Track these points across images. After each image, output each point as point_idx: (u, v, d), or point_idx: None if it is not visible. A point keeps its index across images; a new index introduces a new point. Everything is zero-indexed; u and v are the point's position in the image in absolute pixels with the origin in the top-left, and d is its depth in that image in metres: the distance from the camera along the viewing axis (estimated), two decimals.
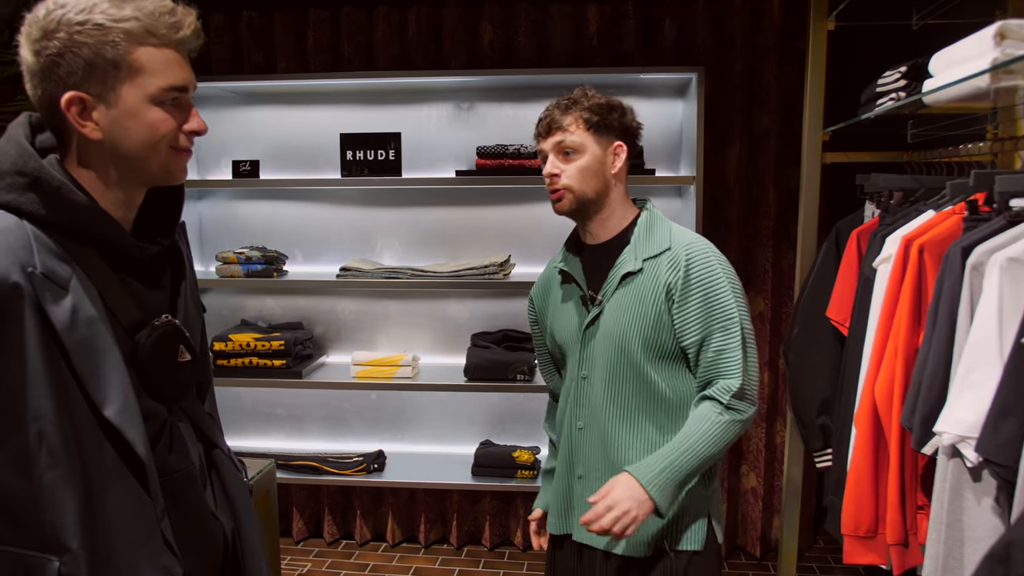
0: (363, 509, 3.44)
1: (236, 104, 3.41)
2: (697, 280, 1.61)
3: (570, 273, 1.76)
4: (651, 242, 1.68)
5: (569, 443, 1.76)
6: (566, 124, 1.68)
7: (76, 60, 1.03)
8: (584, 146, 1.67)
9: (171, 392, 1.18)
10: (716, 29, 3.07)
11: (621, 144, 1.71)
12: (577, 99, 1.70)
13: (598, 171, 1.68)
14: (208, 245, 3.50)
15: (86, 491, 1.04)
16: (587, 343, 1.71)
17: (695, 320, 1.61)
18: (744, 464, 3.29)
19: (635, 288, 1.65)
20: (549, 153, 1.70)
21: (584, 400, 1.72)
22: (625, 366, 1.66)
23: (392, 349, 3.45)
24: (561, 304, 1.79)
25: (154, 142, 1.10)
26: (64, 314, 1.02)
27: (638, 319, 1.64)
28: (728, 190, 3.14)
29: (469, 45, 3.18)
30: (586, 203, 1.68)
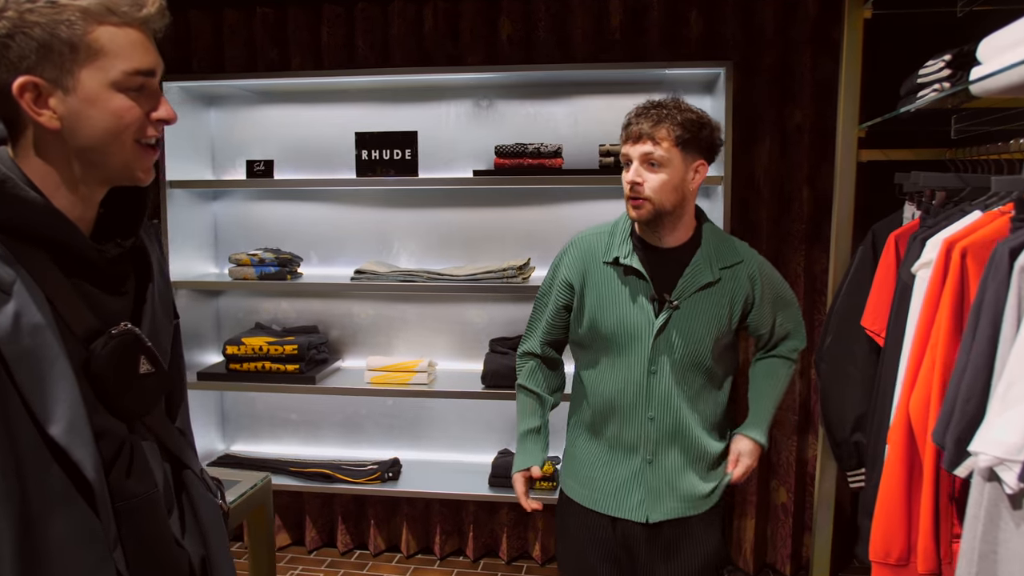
0: (377, 519, 3.34)
1: (250, 103, 3.34)
2: (768, 283, 1.89)
3: (640, 271, 1.81)
4: (723, 253, 1.84)
5: (636, 430, 1.83)
6: (658, 137, 1.72)
7: (28, 42, 0.93)
8: (670, 161, 1.72)
9: (132, 407, 1.08)
10: (745, 21, 2.93)
11: (704, 163, 1.78)
12: (671, 111, 1.73)
13: (679, 186, 1.74)
14: (223, 246, 3.44)
15: (25, 519, 0.93)
16: (658, 341, 1.79)
17: (768, 313, 1.90)
18: (774, 479, 3.13)
19: (712, 295, 1.81)
20: (634, 160, 1.74)
21: (654, 393, 1.81)
22: (695, 362, 1.80)
23: (408, 354, 3.36)
24: (614, 296, 1.83)
25: (117, 132, 1.00)
26: (5, 321, 0.92)
27: (714, 323, 1.80)
28: (758, 190, 2.99)
29: (487, 40, 3.07)
30: (663, 214, 1.76)
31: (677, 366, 1.80)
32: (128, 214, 1.13)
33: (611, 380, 1.85)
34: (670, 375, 1.80)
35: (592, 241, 1.91)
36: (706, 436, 1.85)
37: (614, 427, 1.86)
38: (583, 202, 3.16)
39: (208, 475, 1.29)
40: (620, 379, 1.83)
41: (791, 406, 3.05)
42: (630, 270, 1.82)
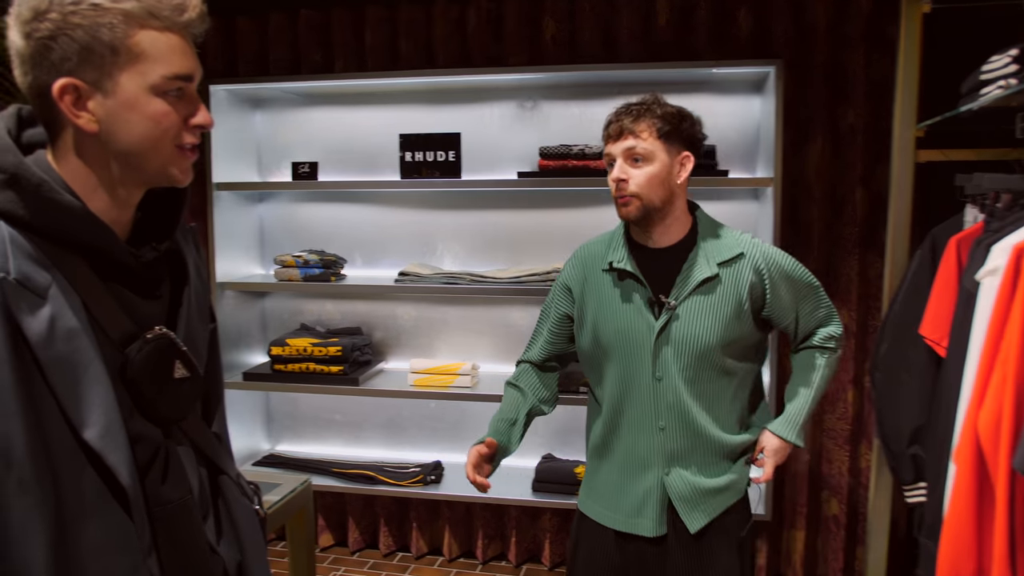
0: (419, 521, 3.33)
1: (295, 105, 3.36)
2: (777, 272, 1.79)
3: (634, 274, 1.77)
4: (720, 247, 1.77)
5: (647, 443, 1.77)
6: (638, 131, 1.71)
7: (70, 44, 0.93)
8: (654, 154, 1.71)
9: (167, 412, 1.07)
10: (796, 18, 2.84)
11: (688, 155, 1.75)
12: (650, 106, 1.73)
13: (665, 180, 1.72)
14: (268, 248, 3.47)
15: (60, 523, 0.93)
16: (660, 345, 1.74)
17: (788, 302, 1.81)
18: (826, 489, 3.04)
19: (713, 292, 1.74)
20: (617, 158, 1.73)
21: (662, 401, 1.75)
22: (706, 364, 1.74)
23: (451, 356, 3.34)
24: (613, 302, 1.80)
25: (156, 137, 0.99)
26: (40, 326, 0.92)
27: (720, 321, 1.73)
28: (809, 192, 2.91)
29: (531, 41, 3.04)
30: (652, 211, 1.73)
31: (684, 370, 1.73)
32: (164, 217, 1.13)
33: (617, 392, 1.79)
34: (678, 380, 1.74)
35: (592, 249, 1.90)
36: (727, 436, 1.79)
37: (626, 442, 1.80)
38: None
39: (245, 480, 1.28)
40: (626, 390, 1.78)
41: (844, 415, 2.95)
42: (625, 274, 1.78)
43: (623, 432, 1.80)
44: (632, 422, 1.78)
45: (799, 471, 3.01)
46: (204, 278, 1.23)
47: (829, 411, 2.98)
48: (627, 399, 1.78)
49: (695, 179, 2.79)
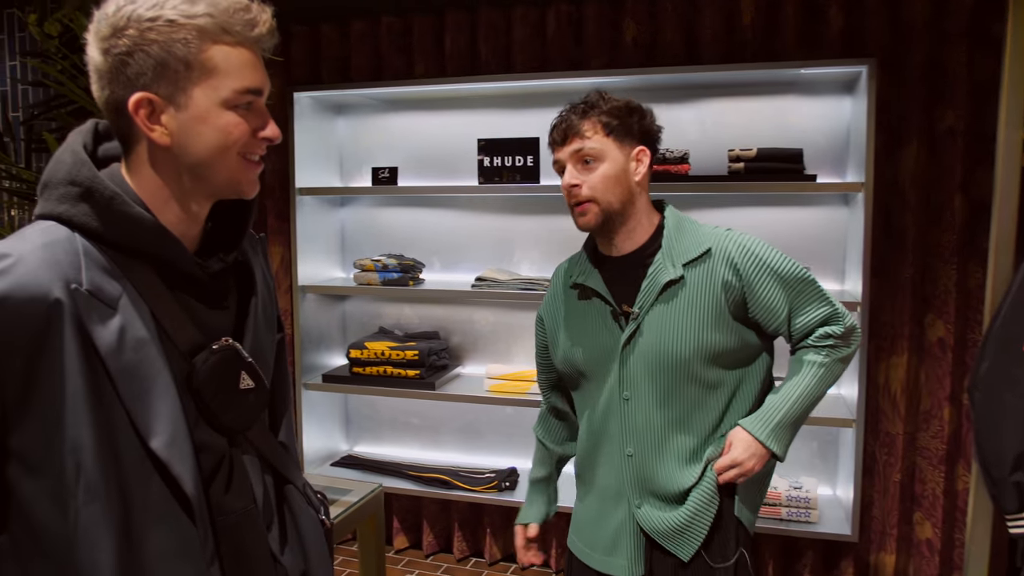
0: (493, 527, 3.32)
1: (376, 111, 3.40)
2: (756, 265, 1.59)
3: (592, 288, 1.65)
4: (685, 246, 1.62)
5: (617, 472, 1.65)
6: (584, 130, 1.59)
7: (146, 59, 0.95)
8: (604, 153, 1.58)
9: (233, 422, 1.08)
10: (891, 15, 2.70)
11: (643, 149, 1.63)
12: (594, 103, 1.61)
13: (621, 179, 1.59)
14: (349, 251, 3.52)
15: (126, 530, 0.95)
16: (626, 361, 1.61)
17: (775, 300, 1.60)
18: (918, 511, 2.88)
19: (681, 296, 1.59)
20: (567, 163, 1.61)
21: (630, 423, 1.62)
22: (680, 378, 1.59)
23: (528, 363, 3.32)
24: (580, 322, 1.68)
25: (224, 148, 1.01)
26: (110, 336, 0.94)
27: (692, 326, 1.58)
28: (903, 197, 2.76)
29: (611, 43, 2.99)
30: (612, 215, 1.60)
31: (656, 385, 1.59)
32: (232, 228, 1.14)
33: (592, 416, 1.67)
34: (649, 398, 1.59)
35: (562, 269, 1.79)
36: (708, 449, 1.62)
37: (601, 470, 1.67)
38: (711, 209, 3.02)
39: (312, 490, 1.28)
40: (599, 413, 1.66)
41: (939, 433, 2.79)
42: (588, 290, 1.66)
43: (598, 460, 1.68)
44: (604, 449, 1.66)
45: (889, 490, 2.86)
46: (271, 288, 1.24)
47: (923, 429, 2.83)
48: (600, 423, 1.66)
49: (780, 184, 2.72)
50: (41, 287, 0.90)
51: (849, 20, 2.75)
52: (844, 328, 1.63)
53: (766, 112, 2.94)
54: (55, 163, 1.01)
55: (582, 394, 1.73)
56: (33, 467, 0.92)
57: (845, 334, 1.64)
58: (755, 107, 2.95)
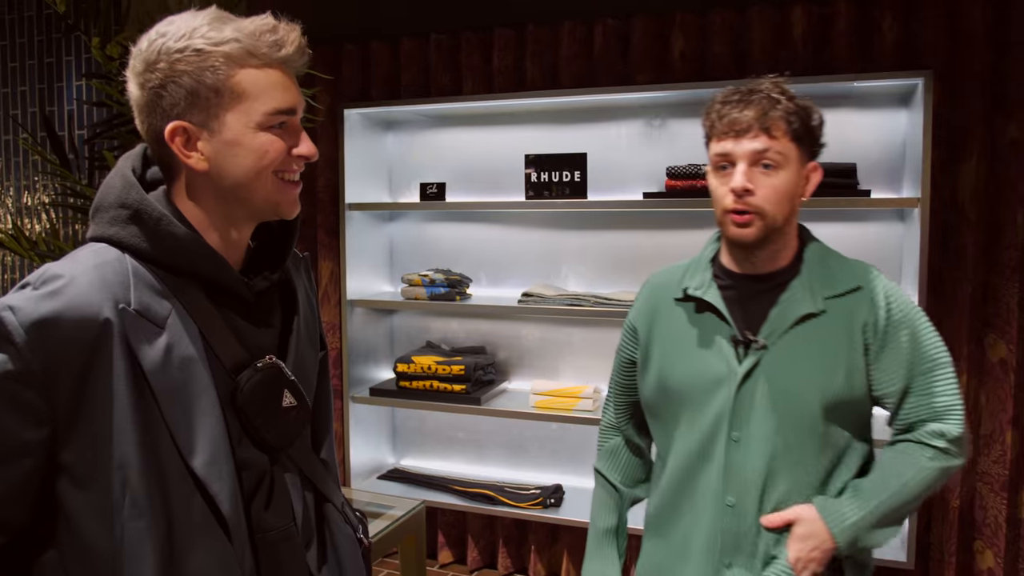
0: (538, 544, 3.30)
1: (425, 127, 3.43)
2: (902, 319, 1.38)
3: (713, 305, 1.43)
4: (831, 277, 1.41)
5: (709, 524, 1.40)
6: (772, 127, 1.33)
7: (177, 90, 0.98)
8: (787, 160, 1.34)
9: (274, 440, 1.09)
10: (948, 25, 2.63)
11: (818, 166, 1.41)
12: (775, 96, 1.35)
13: (792, 195, 1.37)
14: (398, 266, 3.56)
15: (170, 546, 0.97)
16: (741, 397, 1.38)
17: (900, 364, 1.38)
18: (979, 539, 2.77)
19: (816, 332, 1.37)
20: (740, 160, 1.34)
21: (735, 468, 1.38)
22: (802, 429, 1.36)
23: (574, 379, 3.30)
24: (685, 341, 1.45)
25: (259, 169, 1.03)
26: (156, 354, 0.96)
27: (823, 369, 1.36)
28: (962, 213, 2.68)
29: (658, 58, 2.97)
30: (772, 232, 1.37)
31: (773, 432, 1.36)
32: (277, 247, 1.16)
33: (683, 455, 1.44)
34: (762, 444, 1.36)
35: (665, 277, 1.56)
36: None
37: (686, 520, 1.43)
38: None
39: (351, 509, 1.29)
40: (694, 453, 1.42)
41: (1001, 459, 2.69)
42: (704, 305, 1.44)
43: (684, 508, 1.44)
44: (696, 495, 1.42)
45: (948, 516, 2.77)
46: (314, 307, 1.25)
47: (984, 453, 2.73)
48: (694, 465, 1.42)
49: (833, 199, 2.66)
50: (92, 307, 0.93)
51: (904, 32, 2.68)
52: (960, 432, 1.37)
53: None
54: (106, 187, 1.04)
55: (666, 426, 1.50)
56: (82, 482, 0.94)
57: (959, 439, 1.37)
58: None
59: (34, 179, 4.18)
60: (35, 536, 0.97)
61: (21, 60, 4.15)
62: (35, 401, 0.91)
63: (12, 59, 4.17)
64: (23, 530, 0.97)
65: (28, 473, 0.94)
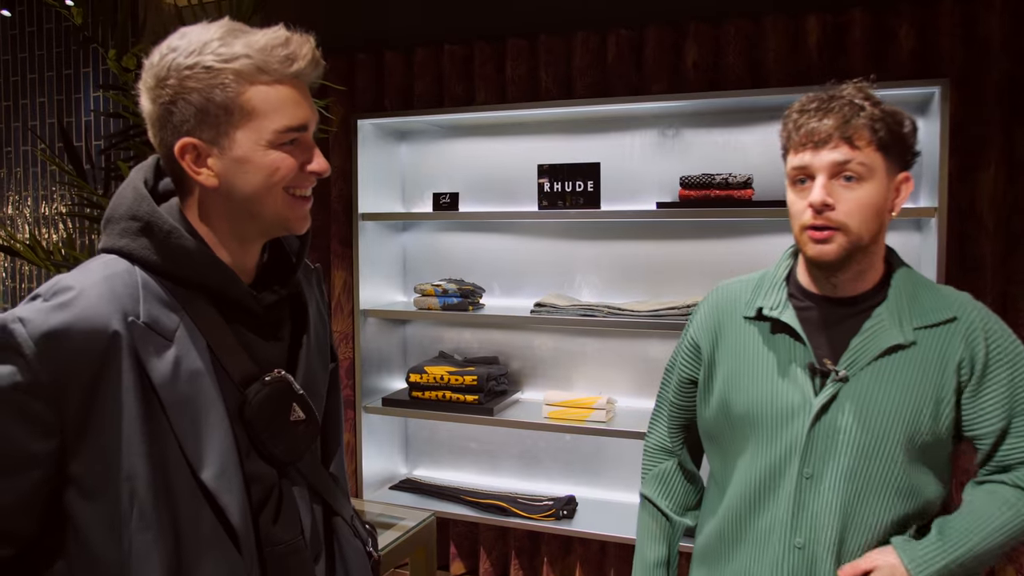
0: (551, 556, 3.28)
1: (438, 137, 3.44)
2: (1002, 355, 1.28)
3: (790, 327, 1.33)
4: (921, 306, 1.31)
5: (772, 566, 1.31)
6: (854, 137, 1.23)
7: (187, 107, 0.98)
8: (873, 172, 1.24)
9: (283, 453, 1.09)
10: (965, 33, 2.61)
11: (909, 176, 1.30)
12: (859, 103, 1.25)
13: (879, 209, 1.26)
14: (411, 276, 3.56)
15: (177, 558, 0.96)
16: (817, 431, 1.29)
17: (1000, 403, 1.27)
18: (1011, 566, 2.73)
19: (903, 366, 1.28)
20: (819, 173, 1.25)
21: (807, 507, 1.29)
22: (879, 469, 1.27)
23: (588, 389, 3.28)
24: (756, 364, 1.35)
25: (269, 186, 1.02)
26: (165, 367, 0.96)
27: (909, 407, 1.26)
28: (980, 223, 2.65)
29: (672, 68, 2.96)
30: (856, 250, 1.27)
31: (849, 470, 1.27)
32: (287, 261, 1.16)
33: (746, 487, 1.35)
34: (838, 482, 1.27)
35: (733, 292, 1.45)
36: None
37: (744, 557, 1.35)
38: (775, 235, 2.95)
39: (360, 522, 1.28)
40: (759, 486, 1.33)
41: None
42: (780, 327, 1.34)
43: (744, 544, 1.35)
44: (759, 532, 1.33)
45: None
46: (325, 319, 1.25)
47: None
48: (758, 498, 1.33)
49: None
50: (101, 319, 0.93)
51: (920, 40, 2.66)
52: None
53: None
54: (117, 198, 1.04)
55: (726, 452, 1.40)
56: (90, 494, 0.94)
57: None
58: None
59: (51, 189, 4.22)
60: (43, 547, 0.97)
61: (40, 72, 4.20)
62: (44, 413, 0.92)
63: (32, 71, 4.22)
64: (31, 541, 0.97)
65: (36, 485, 0.94)
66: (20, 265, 4.35)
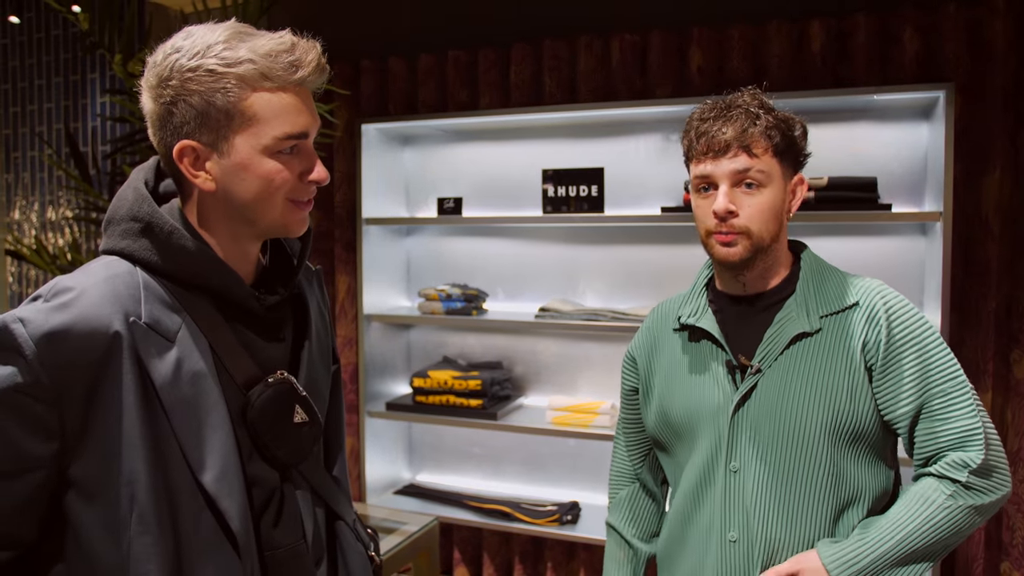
0: (554, 561, 3.27)
1: (442, 142, 3.44)
2: (906, 335, 1.29)
3: (705, 330, 1.38)
4: (826, 294, 1.35)
5: (715, 562, 1.34)
6: (753, 145, 1.28)
7: (188, 109, 0.97)
8: (770, 178, 1.30)
9: (286, 456, 1.08)
10: (970, 37, 2.60)
11: (802, 178, 1.37)
12: (754, 109, 1.30)
13: (778, 211, 1.33)
14: (415, 280, 3.56)
15: (177, 562, 0.96)
16: (737, 426, 1.33)
17: (909, 384, 1.28)
18: (1006, 560, 2.71)
19: (813, 353, 1.31)
20: (721, 182, 1.30)
21: (736, 502, 1.32)
22: (804, 457, 1.29)
23: (592, 395, 3.27)
24: (682, 370, 1.41)
25: (268, 194, 1.02)
26: (166, 369, 0.96)
27: (823, 392, 1.29)
28: (986, 227, 2.63)
29: (676, 72, 2.96)
30: (760, 250, 1.33)
31: (773, 459, 1.29)
32: (288, 262, 1.16)
33: (687, 489, 1.38)
34: (763, 473, 1.30)
35: (665, 308, 1.52)
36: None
37: (691, 557, 1.38)
38: None
39: (362, 526, 1.27)
40: (697, 486, 1.36)
41: None
42: (699, 332, 1.39)
43: (690, 543, 1.38)
44: (700, 530, 1.37)
45: (974, 537, 2.71)
46: (327, 321, 1.25)
47: (1011, 472, 2.67)
48: (698, 498, 1.37)
49: (853, 213, 2.63)
50: (102, 320, 0.93)
51: (924, 44, 2.66)
52: (983, 459, 1.25)
53: (838, 140, 2.85)
54: (118, 200, 1.04)
55: (676, 462, 1.45)
56: (90, 496, 0.94)
57: (986, 469, 1.25)
58: (826, 135, 2.87)
59: (58, 194, 4.24)
60: (42, 551, 0.97)
61: (48, 78, 4.22)
62: (45, 415, 0.91)
63: (39, 76, 4.24)
64: (31, 545, 0.96)
65: (37, 487, 0.93)
66: (26, 270, 4.36)
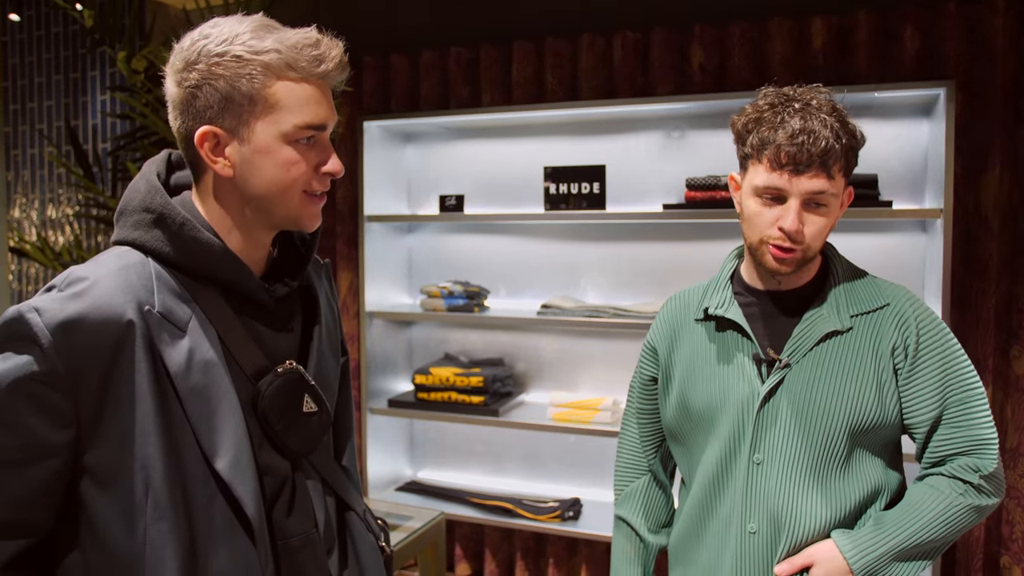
0: (556, 557, 3.28)
1: (444, 139, 3.45)
2: (933, 343, 1.32)
3: (733, 321, 1.38)
4: (857, 294, 1.36)
5: (733, 554, 1.35)
6: (833, 169, 1.27)
7: (212, 93, 0.99)
8: (838, 197, 1.31)
9: (296, 445, 1.09)
10: (970, 35, 2.62)
11: (852, 191, 1.37)
12: (836, 128, 1.26)
13: (833, 226, 1.34)
14: (416, 278, 3.57)
15: (191, 549, 0.97)
16: (764, 419, 1.33)
17: (932, 391, 1.32)
18: (1005, 554, 2.73)
19: (843, 351, 1.32)
20: (793, 199, 1.27)
21: (758, 494, 1.33)
22: (828, 453, 1.31)
23: (593, 391, 3.28)
24: (706, 360, 1.41)
25: (285, 183, 1.03)
26: (180, 357, 0.97)
27: (849, 390, 1.31)
28: (986, 223, 2.65)
29: (678, 70, 2.97)
30: (807, 261, 1.34)
31: (799, 453, 1.31)
32: (297, 254, 1.17)
33: (706, 480, 1.39)
34: (788, 466, 1.31)
35: (685, 299, 1.51)
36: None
37: (710, 549, 1.38)
38: None
39: (372, 516, 1.28)
40: (717, 477, 1.37)
41: None
42: (726, 323, 1.39)
43: (708, 535, 1.39)
44: (719, 522, 1.37)
45: (973, 531, 2.72)
46: (336, 313, 1.26)
47: (1010, 467, 2.69)
48: (717, 490, 1.37)
49: (854, 210, 2.63)
50: (116, 309, 0.94)
51: (925, 42, 2.67)
52: (995, 468, 1.30)
53: None
54: (131, 191, 1.05)
55: (690, 452, 1.44)
56: (105, 484, 0.95)
57: (994, 477, 1.31)
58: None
59: (59, 192, 4.24)
60: (58, 538, 0.98)
61: (48, 75, 4.22)
62: (60, 403, 0.92)
63: (39, 74, 4.24)
64: (47, 532, 0.97)
65: (53, 475, 0.94)
66: (27, 268, 4.36)
